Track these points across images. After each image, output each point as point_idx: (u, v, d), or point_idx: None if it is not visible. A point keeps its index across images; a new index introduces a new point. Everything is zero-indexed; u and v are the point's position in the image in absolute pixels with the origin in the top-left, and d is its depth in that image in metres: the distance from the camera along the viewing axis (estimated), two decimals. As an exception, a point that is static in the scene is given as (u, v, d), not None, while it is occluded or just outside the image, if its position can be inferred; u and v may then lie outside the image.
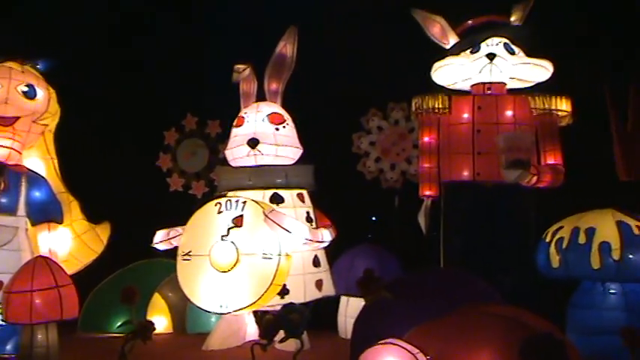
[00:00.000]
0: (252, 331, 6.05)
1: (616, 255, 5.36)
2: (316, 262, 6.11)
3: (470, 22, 6.38)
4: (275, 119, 6.22)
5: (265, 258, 5.55)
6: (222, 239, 5.64)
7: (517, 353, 3.18)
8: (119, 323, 6.06)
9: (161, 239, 6.00)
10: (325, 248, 6.21)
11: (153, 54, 8.10)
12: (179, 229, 5.96)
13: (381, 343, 3.50)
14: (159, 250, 6.09)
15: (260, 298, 5.54)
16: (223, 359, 5.69)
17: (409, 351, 3.40)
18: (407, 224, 6.95)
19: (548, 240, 5.83)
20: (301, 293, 5.86)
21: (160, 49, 8.01)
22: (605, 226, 5.47)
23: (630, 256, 5.35)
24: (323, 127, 7.50)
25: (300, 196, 6.21)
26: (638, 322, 5.21)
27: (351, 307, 6.51)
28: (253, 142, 6.07)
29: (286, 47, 6.23)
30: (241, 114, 6.31)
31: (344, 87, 7.80)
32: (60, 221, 6.04)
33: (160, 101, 7.96)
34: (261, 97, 6.35)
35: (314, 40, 6.87)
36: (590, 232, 5.48)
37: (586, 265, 5.45)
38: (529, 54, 6.20)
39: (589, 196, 6.17)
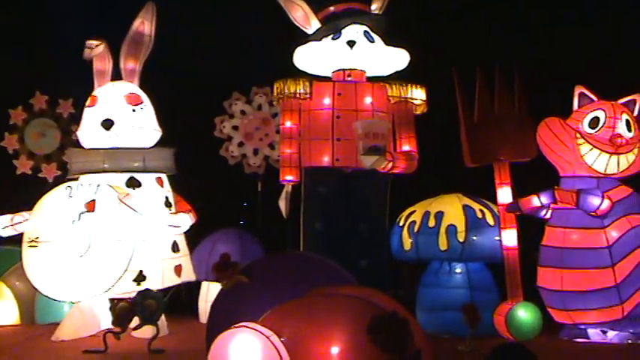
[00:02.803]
0: (106, 319, 5.83)
1: (461, 237, 5.74)
2: (175, 248, 5.99)
3: (332, 8, 6.47)
4: (132, 100, 5.98)
5: (119, 243, 5.37)
6: (73, 224, 5.39)
7: (364, 331, 3.31)
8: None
9: (5, 225, 5.68)
10: (185, 233, 6.10)
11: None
12: (25, 214, 5.65)
13: (236, 327, 3.51)
14: (2, 237, 5.74)
15: (115, 284, 5.37)
16: (74, 350, 5.41)
17: (263, 333, 3.43)
18: (269, 209, 6.98)
19: (401, 224, 6.12)
20: (159, 279, 5.74)
21: (6, 19, 7.42)
22: (452, 210, 5.84)
23: (474, 238, 5.76)
24: (184, 109, 7.32)
25: (159, 181, 6.05)
26: (480, 298, 5.63)
27: (211, 293, 6.44)
28: (108, 124, 5.82)
29: (143, 24, 6.01)
30: (95, 93, 6.02)
31: (207, 70, 7.65)
32: None
33: (4, 77, 7.38)
34: (117, 76, 6.08)
35: (175, 19, 6.68)
36: (439, 216, 5.83)
37: (434, 247, 5.79)
38: (387, 43, 6.41)
39: (439, 181, 6.52)
